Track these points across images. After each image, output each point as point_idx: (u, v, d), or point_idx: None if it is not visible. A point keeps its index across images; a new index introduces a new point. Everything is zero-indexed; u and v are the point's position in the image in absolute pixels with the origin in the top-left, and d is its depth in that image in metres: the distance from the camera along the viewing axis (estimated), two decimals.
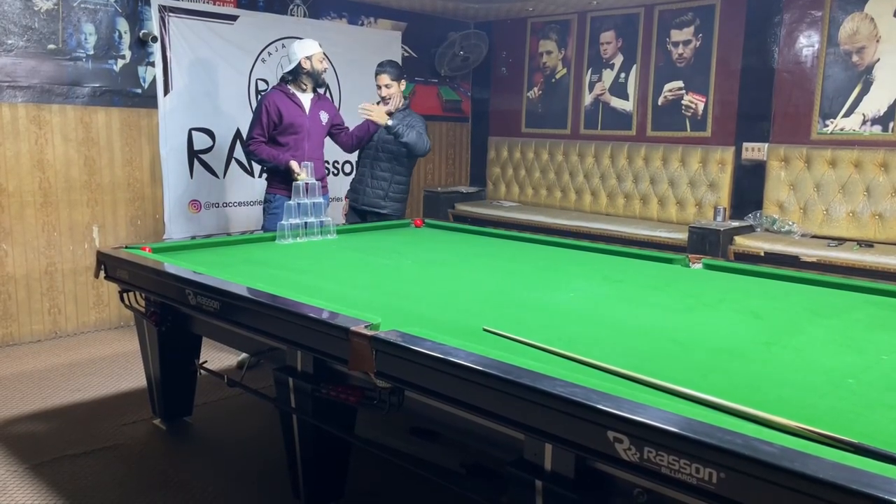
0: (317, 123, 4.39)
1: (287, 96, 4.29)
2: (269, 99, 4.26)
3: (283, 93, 4.29)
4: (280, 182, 4.28)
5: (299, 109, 4.31)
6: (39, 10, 4.49)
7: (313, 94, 4.40)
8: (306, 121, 4.32)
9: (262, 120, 4.23)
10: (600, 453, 1.52)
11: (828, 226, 4.92)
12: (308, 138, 4.34)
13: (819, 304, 2.65)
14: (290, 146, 4.27)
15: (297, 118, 4.29)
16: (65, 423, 3.46)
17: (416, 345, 1.90)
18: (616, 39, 6.12)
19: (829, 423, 1.49)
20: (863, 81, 4.80)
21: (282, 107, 4.25)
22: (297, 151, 4.27)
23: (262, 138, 4.25)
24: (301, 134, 4.31)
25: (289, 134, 4.27)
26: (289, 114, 4.26)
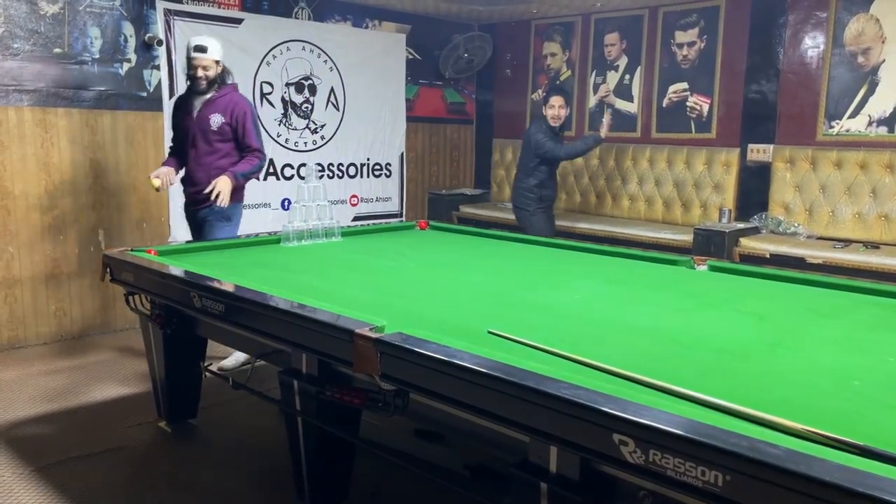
0: (204, 127, 3.96)
1: (183, 100, 4.10)
2: (174, 105, 4.16)
3: (182, 98, 4.14)
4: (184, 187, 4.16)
5: (187, 115, 4.02)
6: (45, 14, 4.51)
7: (211, 94, 3.98)
8: (191, 125, 3.99)
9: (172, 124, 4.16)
10: (605, 456, 1.52)
11: (833, 227, 4.90)
12: (193, 144, 3.99)
13: (824, 305, 2.64)
14: (184, 153, 4.06)
15: (183, 121, 4.04)
16: (70, 426, 3.47)
17: (421, 347, 1.90)
18: (620, 41, 6.12)
19: (834, 424, 1.48)
20: (868, 82, 4.78)
21: (177, 113, 4.10)
22: (186, 159, 4.05)
23: (173, 146, 4.15)
24: (186, 139, 4.02)
25: (181, 141, 4.07)
26: (180, 120, 4.06)
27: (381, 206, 6.31)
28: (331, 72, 5.85)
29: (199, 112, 3.96)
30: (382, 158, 6.25)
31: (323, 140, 5.88)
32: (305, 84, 5.72)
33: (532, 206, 5.25)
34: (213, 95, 3.95)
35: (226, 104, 3.96)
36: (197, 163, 3.98)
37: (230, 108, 3.95)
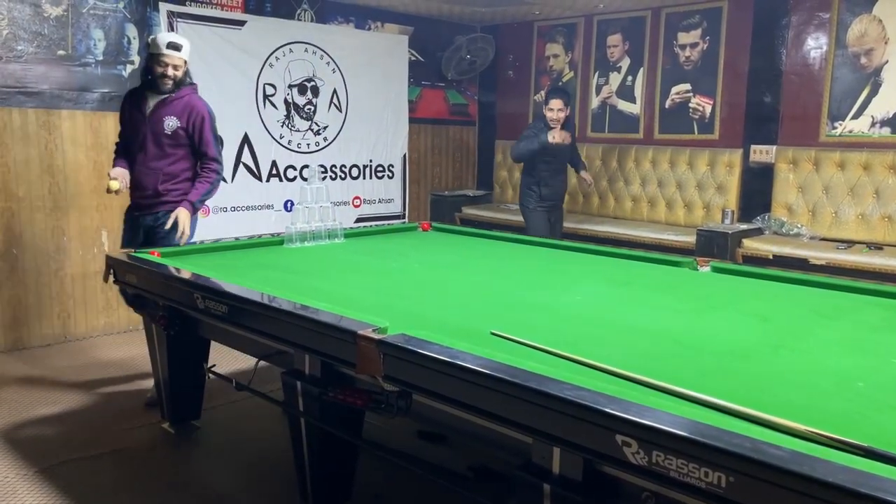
0: (157, 130, 3.63)
1: (135, 97, 3.72)
2: (124, 97, 3.80)
3: (134, 93, 3.75)
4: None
5: (139, 113, 3.66)
6: (49, 17, 4.52)
7: (168, 94, 3.65)
8: (143, 125, 3.64)
9: (120, 120, 3.81)
10: (608, 457, 1.52)
11: (837, 228, 4.89)
12: (142, 147, 3.65)
13: (827, 306, 2.64)
14: (131, 155, 3.73)
15: (133, 120, 3.68)
16: (74, 427, 3.48)
17: (424, 348, 1.91)
18: (623, 42, 6.12)
19: (837, 425, 1.48)
20: (871, 83, 4.78)
21: (126, 108, 3.75)
22: (134, 162, 3.71)
23: (119, 140, 3.82)
24: (135, 140, 3.68)
25: (130, 142, 3.73)
26: (129, 117, 3.71)
27: (384, 208, 6.31)
28: (333, 73, 5.85)
29: (153, 112, 3.63)
30: (385, 160, 6.26)
31: (325, 141, 5.89)
32: (308, 86, 5.73)
33: (532, 204, 5.28)
34: (171, 96, 3.64)
35: (183, 107, 3.64)
36: (146, 166, 3.66)
37: (187, 112, 3.65)
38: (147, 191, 3.67)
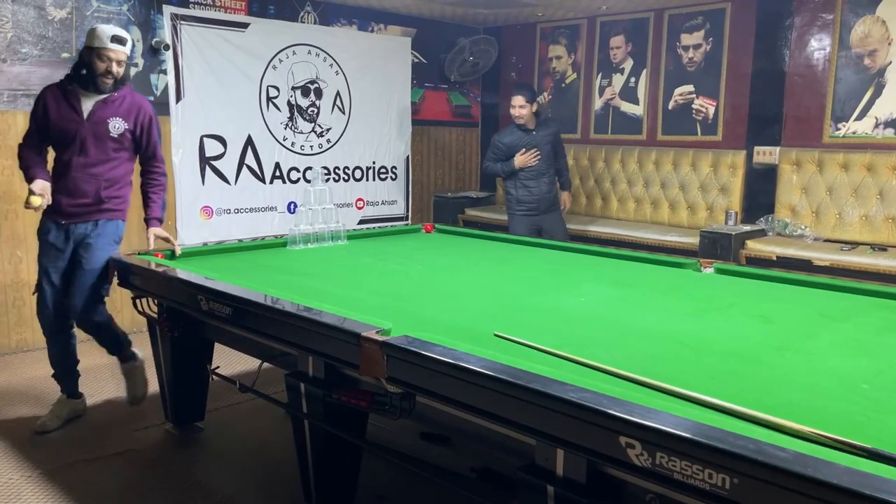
0: (100, 132, 3.33)
1: (63, 94, 3.31)
2: (42, 94, 3.36)
3: (60, 89, 3.33)
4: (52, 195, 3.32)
5: (73, 113, 3.30)
6: (53, 19, 4.54)
7: (105, 93, 3.33)
8: (82, 129, 3.30)
9: (33, 118, 3.37)
10: (612, 458, 1.52)
11: (840, 229, 4.88)
12: (81, 150, 3.32)
13: (831, 308, 2.64)
14: (58, 161, 3.39)
15: (67, 124, 3.29)
16: (78, 429, 3.48)
17: (427, 350, 1.91)
18: (626, 44, 6.12)
19: (841, 427, 1.48)
20: (875, 84, 4.77)
21: (52, 106, 3.30)
22: (67, 167, 3.34)
23: (32, 141, 3.37)
24: (72, 146, 3.31)
25: (57, 144, 3.36)
26: (59, 117, 3.29)
27: (387, 210, 6.32)
28: (336, 75, 5.86)
29: (93, 114, 3.31)
30: (388, 161, 6.26)
31: (329, 143, 5.89)
32: (311, 88, 5.74)
33: (512, 208, 5.24)
34: (113, 96, 3.33)
35: (129, 108, 3.38)
36: (85, 172, 3.33)
37: (134, 113, 3.39)
38: (86, 198, 3.34)
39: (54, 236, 3.37)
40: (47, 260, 3.38)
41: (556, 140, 5.30)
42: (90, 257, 3.34)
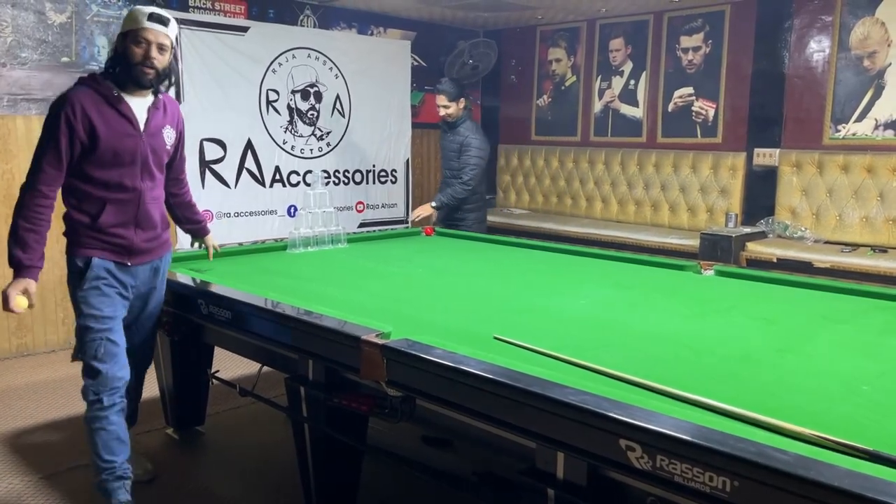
0: (159, 147, 2.66)
1: (107, 101, 2.51)
2: (74, 102, 2.45)
3: (100, 95, 2.51)
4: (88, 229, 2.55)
5: (127, 125, 2.53)
6: (53, 24, 4.55)
7: (153, 96, 2.64)
8: (142, 144, 2.57)
9: (57, 140, 2.44)
10: (612, 461, 1.52)
11: (841, 231, 4.88)
12: (146, 174, 2.61)
13: (832, 309, 2.63)
14: (110, 187, 2.53)
15: (123, 140, 2.52)
16: (79, 433, 3.47)
17: (427, 353, 1.91)
18: (625, 46, 6.12)
19: (843, 429, 1.48)
20: (875, 86, 4.77)
21: (97, 119, 2.47)
22: (123, 205, 2.56)
23: (51, 178, 2.47)
24: (132, 167, 2.56)
25: (110, 166, 2.52)
26: (110, 133, 2.49)
27: (387, 213, 6.31)
28: (336, 79, 5.87)
29: (149, 124, 2.60)
30: (388, 165, 6.26)
31: (329, 147, 5.89)
32: (311, 91, 5.74)
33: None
34: (158, 99, 2.66)
35: (172, 112, 2.76)
36: (151, 197, 2.66)
37: (176, 119, 2.78)
38: (154, 229, 2.69)
39: (116, 281, 2.61)
40: (108, 310, 2.57)
41: (462, 149, 4.80)
42: (155, 299, 2.83)
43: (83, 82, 2.54)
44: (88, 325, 2.55)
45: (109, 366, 2.54)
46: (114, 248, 2.56)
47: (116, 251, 2.57)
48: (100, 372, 2.53)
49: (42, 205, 2.46)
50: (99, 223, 2.53)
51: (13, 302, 2.40)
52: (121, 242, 2.58)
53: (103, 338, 2.55)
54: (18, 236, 2.43)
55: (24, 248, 2.43)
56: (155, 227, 2.70)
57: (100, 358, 2.53)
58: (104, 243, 2.54)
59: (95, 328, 2.55)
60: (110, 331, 2.57)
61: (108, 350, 2.55)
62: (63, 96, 2.48)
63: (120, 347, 2.58)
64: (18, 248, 2.43)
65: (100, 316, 2.56)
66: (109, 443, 2.55)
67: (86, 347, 2.55)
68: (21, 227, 2.44)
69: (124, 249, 2.60)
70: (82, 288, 2.56)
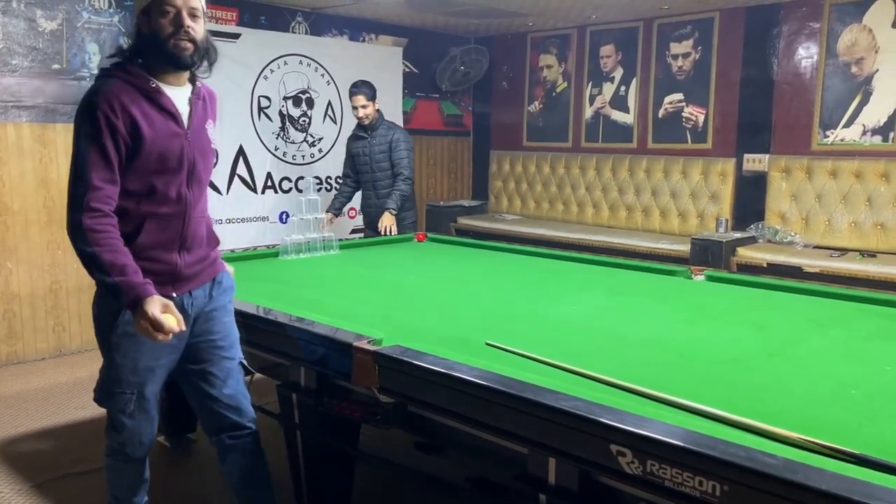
0: (205, 146, 2.17)
1: (143, 93, 2.02)
2: (111, 97, 1.96)
3: (134, 86, 2.01)
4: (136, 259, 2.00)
5: (171, 121, 2.05)
6: (44, 31, 4.54)
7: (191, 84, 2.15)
8: (188, 145, 2.08)
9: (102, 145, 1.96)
10: (603, 467, 1.52)
11: (830, 236, 4.92)
12: (191, 179, 2.11)
13: (822, 314, 2.65)
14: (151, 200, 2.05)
15: (169, 141, 2.04)
16: (69, 441, 3.46)
17: (419, 359, 1.91)
18: (616, 53, 6.16)
19: (832, 433, 1.49)
20: (862, 92, 4.81)
21: (139, 118, 1.98)
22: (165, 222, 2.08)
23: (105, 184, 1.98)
24: (177, 173, 2.07)
25: (153, 174, 2.03)
26: (154, 133, 2.00)
27: None
28: (328, 85, 5.88)
29: (193, 117, 2.11)
30: None
31: (321, 153, 5.90)
32: (303, 98, 5.75)
33: None
34: (199, 86, 2.18)
35: (212, 103, 2.26)
36: (197, 210, 2.17)
37: (214, 108, 2.27)
38: (201, 247, 2.20)
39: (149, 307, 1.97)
40: (146, 359, 2.11)
41: (392, 147, 4.80)
42: (228, 331, 2.28)
43: (110, 74, 2.03)
44: (119, 377, 2.11)
45: (138, 422, 2.18)
46: (154, 276, 2.02)
47: (158, 281, 2.02)
48: (126, 427, 2.18)
49: (109, 223, 1.97)
50: (136, 246, 2.02)
51: (167, 323, 1.91)
52: (163, 269, 2.08)
53: (135, 392, 2.13)
54: (107, 264, 1.93)
55: (124, 270, 1.93)
56: (202, 246, 2.21)
57: (129, 414, 2.16)
58: (144, 272, 1.98)
59: (127, 381, 2.11)
60: (145, 384, 2.13)
61: (140, 406, 2.16)
62: (94, 92, 1.99)
63: (153, 402, 2.19)
64: (116, 275, 1.92)
65: (135, 367, 2.10)
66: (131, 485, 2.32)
67: (113, 399, 2.16)
68: (100, 255, 1.93)
69: (167, 277, 2.08)
70: (114, 331, 2.07)
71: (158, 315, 1.89)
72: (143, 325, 1.91)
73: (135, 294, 1.91)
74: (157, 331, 1.90)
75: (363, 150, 4.91)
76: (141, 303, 1.90)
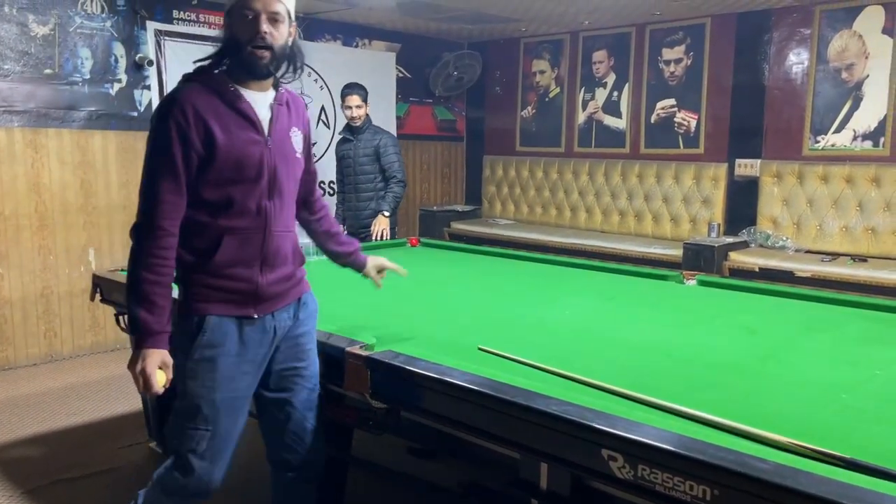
0: (289, 154, 2.04)
1: (221, 97, 1.91)
2: (184, 103, 1.87)
3: (213, 90, 1.92)
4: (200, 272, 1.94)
5: (250, 128, 1.93)
6: (36, 36, 4.53)
7: (274, 90, 2.01)
8: (268, 153, 1.95)
9: (172, 156, 1.86)
10: (595, 471, 1.53)
11: (821, 241, 4.94)
12: (273, 191, 1.97)
13: (813, 319, 2.67)
14: (228, 212, 1.92)
15: (247, 149, 1.91)
16: (61, 447, 3.44)
17: (411, 365, 1.91)
18: (608, 58, 6.18)
19: (822, 437, 1.49)
20: (853, 97, 4.84)
21: (215, 125, 1.87)
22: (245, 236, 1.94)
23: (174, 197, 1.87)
24: (256, 183, 1.94)
25: (230, 184, 1.91)
26: (230, 141, 1.88)
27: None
28: (321, 90, 5.88)
29: (274, 124, 1.98)
30: None
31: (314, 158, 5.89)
32: None
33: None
34: (282, 92, 2.04)
35: (298, 110, 2.12)
36: (280, 223, 2.03)
37: (303, 119, 2.16)
38: (286, 265, 2.07)
39: (239, 345, 1.94)
40: (225, 390, 1.93)
41: (380, 152, 4.78)
42: (313, 359, 2.14)
43: (190, 78, 1.97)
44: (193, 410, 1.91)
45: (209, 465, 1.94)
46: (234, 296, 1.92)
47: (237, 301, 1.93)
48: (194, 472, 1.93)
49: (167, 247, 1.86)
50: (214, 263, 1.91)
51: (156, 383, 1.85)
52: (243, 287, 1.94)
53: (210, 428, 1.93)
54: (142, 293, 1.84)
55: (151, 308, 1.84)
56: (286, 264, 2.06)
57: (200, 453, 1.93)
58: (222, 292, 1.90)
59: (202, 415, 1.91)
60: (221, 419, 1.94)
61: (215, 446, 1.94)
62: (170, 98, 1.92)
63: (229, 442, 1.98)
64: (143, 308, 1.83)
65: (211, 398, 1.91)
66: None
67: (184, 436, 1.93)
68: (144, 280, 1.84)
69: (248, 297, 1.95)
70: (191, 356, 1.91)
71: (152, 371, 1.84)
72: (135, 370, 1.86)
73: (141, 334, 1.85)
74: (144, 385, 1.86)
75: (348, 152, 4.93)
76: (144, 349, 1.85)
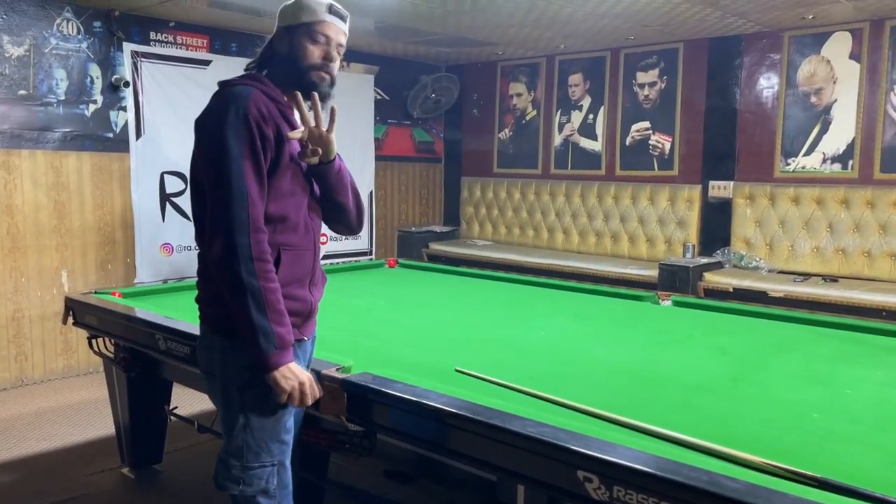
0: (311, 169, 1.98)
1: (280, 107, 1.86)
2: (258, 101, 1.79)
3: (273, 98, 1.86)
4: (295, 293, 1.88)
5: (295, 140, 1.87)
6: (10, 57, 4.50)
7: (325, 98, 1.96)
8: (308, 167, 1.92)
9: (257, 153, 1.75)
10: (571, 493, 1.53)
11: (794, 261, 5.02)
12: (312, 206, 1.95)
13: (785, 339, 2.70)
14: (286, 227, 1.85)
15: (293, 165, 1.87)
16: (32, 473, 3.37)
17: (388, 387, 1.91)
18: (584, 81, 6.26)
19: (794, 457, 1.52)
20: (822, 121, 4.95)
21: (281, 124, 1.83)
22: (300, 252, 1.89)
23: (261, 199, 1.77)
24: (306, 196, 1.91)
25: (287, 195, 1.85)
26: (289, 143, 1.84)
27: (351, 245, 6.31)
28: None
29: None
30: None
31: None
32: None
33: None
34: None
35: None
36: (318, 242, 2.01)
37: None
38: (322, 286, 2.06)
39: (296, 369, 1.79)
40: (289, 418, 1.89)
41: None
42: None
43: (246, 82, 1.87)
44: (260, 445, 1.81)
45: (278, 501, 1.86)
46: (293, 319, 1.81)
47: (295, 324, 1.82)
48: None
49: (269, 251, 1.74)
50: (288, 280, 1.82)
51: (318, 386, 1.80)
52: (301, 308, 1.87)
53: (276, 462, 1.82)
54: (265, 303, 1.69)
55: (280, 318, 1.72)
56: (322, 283, 2.04)
57: (271, 493, 1.82)
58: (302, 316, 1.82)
59: (268, 449, 1.81)
60: (286, 450, 1.84)
61: (283, 480, 1.85)
62: (236, 98, 1.78)
63: (290, 473, 1.91)
64: (272, 321, 1.70)
65: (277, 430, 1.81)
66: None
67: (251, 476, 1.80)
68: (262, 290, 1.69)
69: (303, 318, 1.88)
70: (250, 389, 1.77)
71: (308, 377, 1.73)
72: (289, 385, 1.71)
73: (284, 354, 1.71)
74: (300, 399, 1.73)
75: None
76: (286, 364, 1.72)
